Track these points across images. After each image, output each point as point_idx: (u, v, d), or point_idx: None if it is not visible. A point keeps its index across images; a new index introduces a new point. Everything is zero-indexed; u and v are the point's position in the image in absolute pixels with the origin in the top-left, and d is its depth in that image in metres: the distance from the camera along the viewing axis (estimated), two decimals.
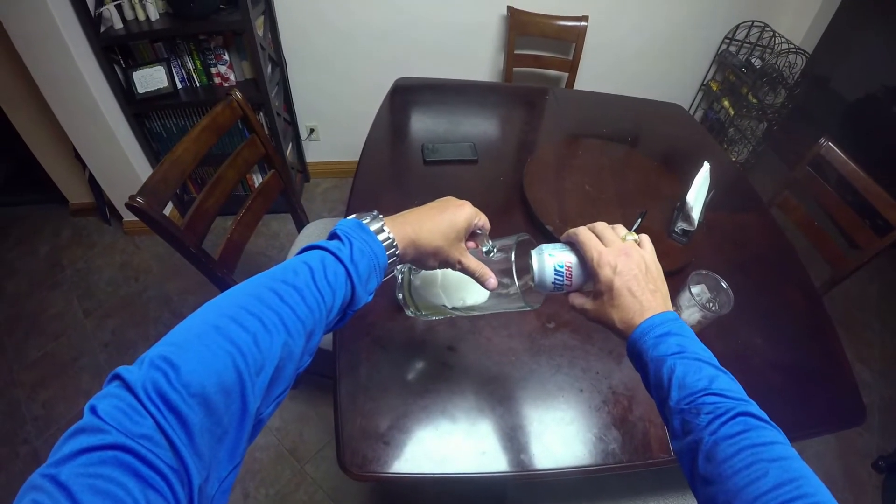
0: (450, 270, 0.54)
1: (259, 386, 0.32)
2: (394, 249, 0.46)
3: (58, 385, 1.58)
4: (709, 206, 1.05)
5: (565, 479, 0.72)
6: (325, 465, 1.43)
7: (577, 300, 0.53)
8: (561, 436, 0.74)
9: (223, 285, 0.99)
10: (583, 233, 0.51)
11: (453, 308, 0.60)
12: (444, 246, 0.49)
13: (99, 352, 1.67)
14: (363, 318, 0.84)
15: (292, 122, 2.10)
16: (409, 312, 0.66)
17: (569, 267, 0.51)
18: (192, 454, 0.27)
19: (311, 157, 2.32)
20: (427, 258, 0.50)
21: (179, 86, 1.74)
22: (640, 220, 1.03)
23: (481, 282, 0.53)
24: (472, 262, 0.52)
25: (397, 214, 0.50)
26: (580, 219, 1.05)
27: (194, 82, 1.75)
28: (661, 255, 1.03)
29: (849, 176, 1.24)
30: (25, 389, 1.57)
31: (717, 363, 0.43)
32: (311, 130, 2.21)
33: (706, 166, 1.05)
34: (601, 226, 0.52)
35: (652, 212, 1.06)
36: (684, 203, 1.00)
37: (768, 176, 2.51)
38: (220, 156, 1.08)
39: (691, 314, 0.76)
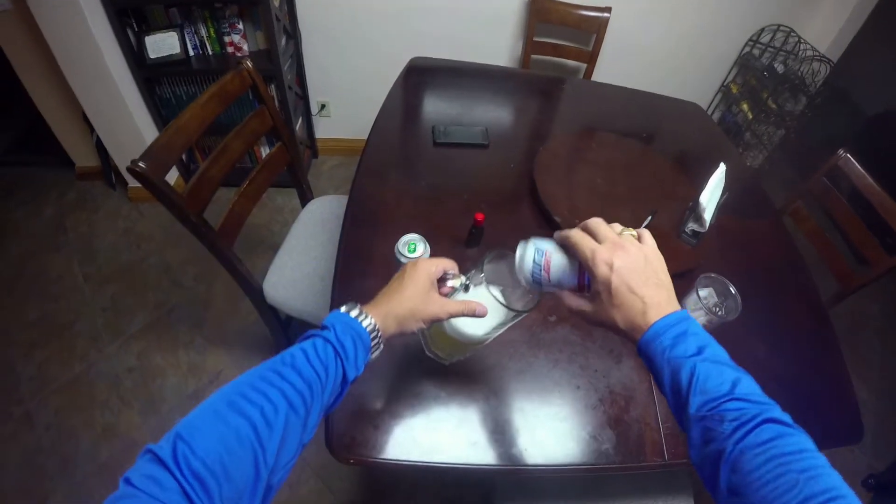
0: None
1: (270, 452, 0.38)
2: (372, 324, 0.50)
3: (53, 347, 1.58)
4: (721, 210, 1.02)
5: (555, 476, 0.71)
6: (312, 445, 1.42)
7: (574, 301, 0.51)
8: (554, 432, 0.73)
9: (222, 257, 0.98)
10: (575, 233, 0.49)
11: (469, 342, 0.64)
12: (418, 305, 0.52)
13: (96, 316, 1.67)
14: (363, 300, 0.82)
15: (304, 96, 2.06)
16: (444, 363, 0.72)
17: (548, 260, 0.50)
18: None
19: (320, 133, 2.29)
20: (409, 322, 0.52)
21: (192, 53, 1.71)
22: (649, 220, 1.01)
23: (473, 315, 0.54)
24: (453, 305, 0.54)
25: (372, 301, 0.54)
26: (590, 213, 1.03)
27: (207, 50, 1.72)
28: (670, 256, 1.00)
29: (865, 190, 1.21)
30: (21, 349, 1.57)
31: (734, 364, 0.42)
32: (323, 106, 2.18)
33: (722, 168, 1.02)
34: (594, 222, 0.49)
35: (663, 211, 1.04)
36: (697, 204, 0.97)
37: (781, 183, 2.47)
38: (228, 125, 1.06)
39: (696, 318, 0.74)
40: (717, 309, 0.75)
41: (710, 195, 0.98)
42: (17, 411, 1.43)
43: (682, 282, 0.95)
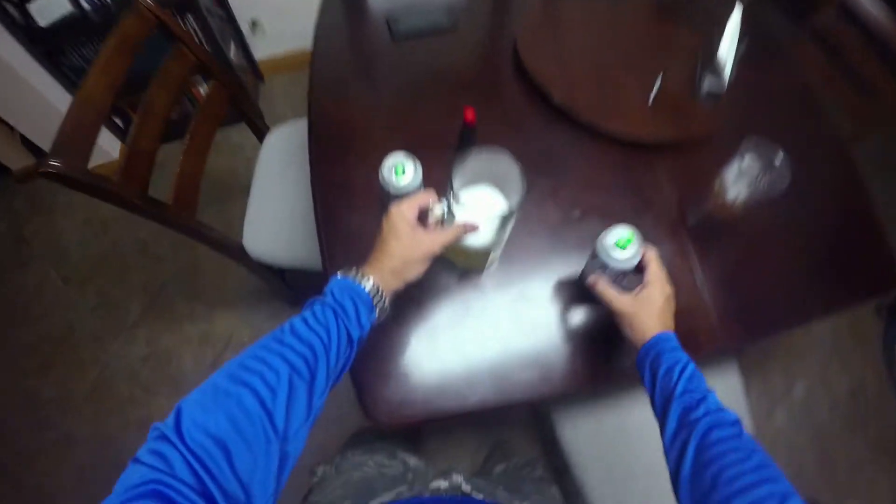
0: (458, 222, 0.57)
1: (277, 417, 0.37)
2: (371, 283, 0.50)
3: (62, 362, 1.53)
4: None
5: (611, 390, 0.66)
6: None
7: (610, 291, 0.59)
8: (600, 342, 0.67)
9: (187, 230, 0.86)
10: (652, 251, 0.60)
11: (489, 246, 0.62)
12: (407, 252, 0.52)
13: (90, 317, 1.59)
14: (356, 240, 0.73)
15: (229, 18, 1.77)
16: (482, 272, 0.70)
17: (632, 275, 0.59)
18: (215, 486, 0.31)
19: (260, 53, 1.99)
20: (406, 271, 0.52)
21: (86, 6, 1.43)
22: (658, 83, 0.88)
23: (469, 232, 0.56)
24: (442, 236, 0.54)
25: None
26: (591, 87, 0.90)
27: None
28: (689, 120, 0.89)
29: (875, 19, 1.05)
30: (34, 375, 1.51)
31: None
32: (255, 23, 1.87)
33: (738, 10, 0.85)
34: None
35: (670, 71, 0.90)
36: (714, 59, 0.83)
37: (773, 18, 2.23)
38: (148, 73, 0.88)
39: (739, 190, 0.65)
40: (762, 179, 0.64)
41: (728, 47, 0.82)
42: (54, 435, 1.41)
43: (707, 149, 0.84)
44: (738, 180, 0.64)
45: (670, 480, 0.45)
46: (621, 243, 0.57)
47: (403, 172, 0.62)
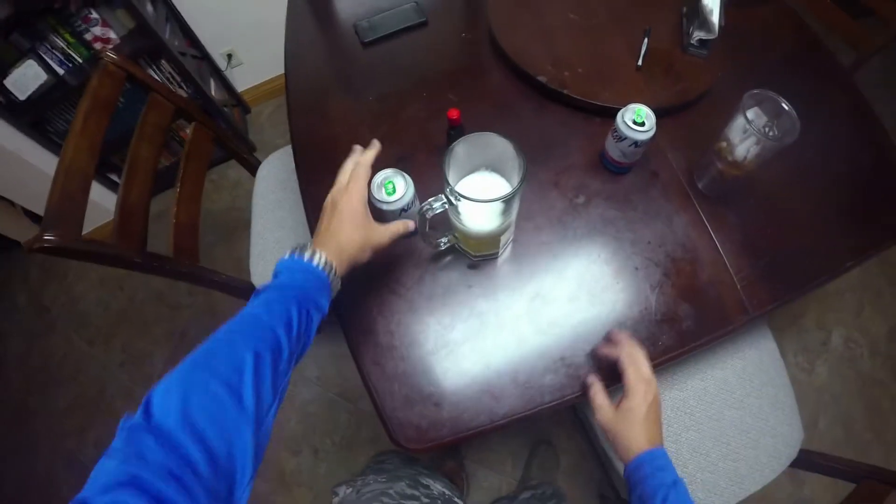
0: (462, 213, 0.57)
1: (247, 396, 0.37)
2: (322, 261, 0.51)
3: (98, 421, 1.55)
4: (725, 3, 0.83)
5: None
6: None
7: (598, 399, 0.58)
8: (626, 330, 0.64)
9: (193, 278, 0.85)
10: (628, 350, 0.58)
11: (496, 232, 0.61)
12: (364, 237, 0.53)
13: (119, 374, 1.61)
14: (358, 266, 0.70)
15: (203, 56, 1.76)
16: (496, 258, 0.70)
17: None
18: (191, 474, 0.31)
19: (241, 85, 1.99)
20: (359, 257, 0.54)
21: (61, 72, 1.44)
22: (646, 41, 0.84)
23: (407, 230, 0.57)
24: (391, 229, 0.56)
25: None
26: (576, 59, 0.86)
27: (75, 61, 1.45)
28: (682, 76, 0.84)
29: None
30: (72, 439, 1.54)
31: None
32: (230, 56, 1.86)
33: None
34: (638, 349, 0.58)
35: (656, 26, 0.86)
36: (700, 5, 0.79)
37: None
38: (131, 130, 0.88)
39: (747, 147, 0.61)
40: (769, 130, 0.61)
41: None
42: None
43: (705, 104, 0.80)
44: (745, 136, 0.60)
45: None
46: (639, 119, 0.65)
47: (394, 191, 0.60)
